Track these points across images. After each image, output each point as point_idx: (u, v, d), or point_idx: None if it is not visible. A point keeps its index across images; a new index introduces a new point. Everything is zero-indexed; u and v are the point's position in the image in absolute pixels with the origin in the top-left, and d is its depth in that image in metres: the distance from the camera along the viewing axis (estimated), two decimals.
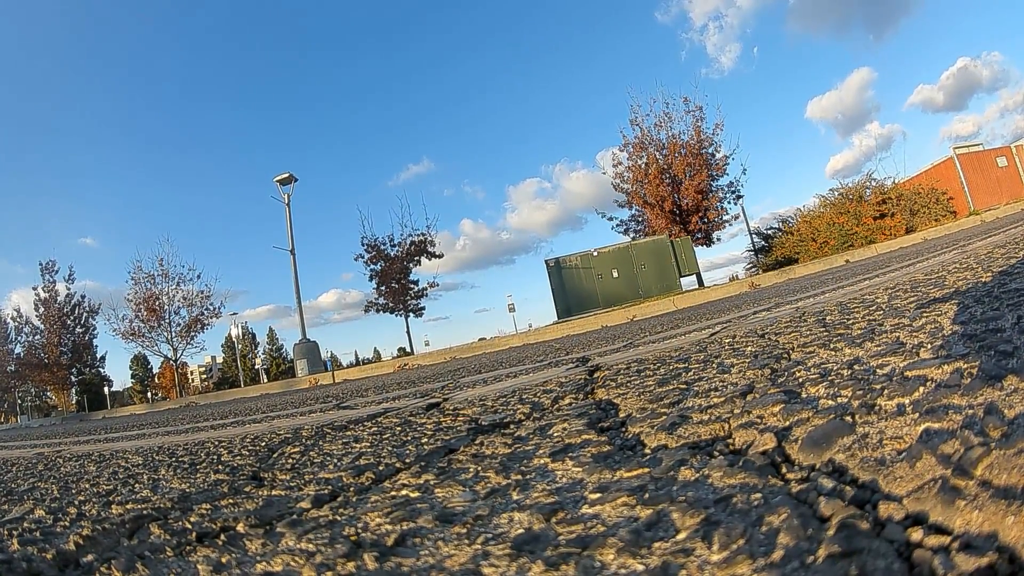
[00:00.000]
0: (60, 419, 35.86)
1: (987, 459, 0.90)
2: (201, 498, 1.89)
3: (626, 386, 2.58)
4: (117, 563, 1.31)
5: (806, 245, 32.97)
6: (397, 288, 39.89)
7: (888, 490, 0.93)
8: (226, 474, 2.33)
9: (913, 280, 4.49)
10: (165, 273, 43.73)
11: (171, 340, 43.75)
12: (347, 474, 1.87)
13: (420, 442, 2.27)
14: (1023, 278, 2.83)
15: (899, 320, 2.53)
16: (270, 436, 3.48)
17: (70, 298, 51.58)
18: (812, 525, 0.86)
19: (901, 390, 1.40)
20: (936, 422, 1.12)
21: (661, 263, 31.41)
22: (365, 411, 4.11)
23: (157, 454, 3.59)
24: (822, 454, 1.13)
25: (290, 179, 33.44)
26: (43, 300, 50.26)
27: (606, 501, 1.14)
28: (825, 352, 2.24)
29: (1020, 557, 0.69)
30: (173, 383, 52.95)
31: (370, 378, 16.59)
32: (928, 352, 1.76)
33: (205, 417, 7.80)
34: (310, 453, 2.50)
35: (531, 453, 1.69)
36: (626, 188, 39.61)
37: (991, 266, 3.90)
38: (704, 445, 1.41)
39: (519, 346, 16.82)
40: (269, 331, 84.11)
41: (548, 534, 1.04)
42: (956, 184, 34.87)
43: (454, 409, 3.12)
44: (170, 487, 2.24)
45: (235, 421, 5.86)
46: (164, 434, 5.57)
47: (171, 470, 2.71)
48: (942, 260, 6.19)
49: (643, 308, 20.53)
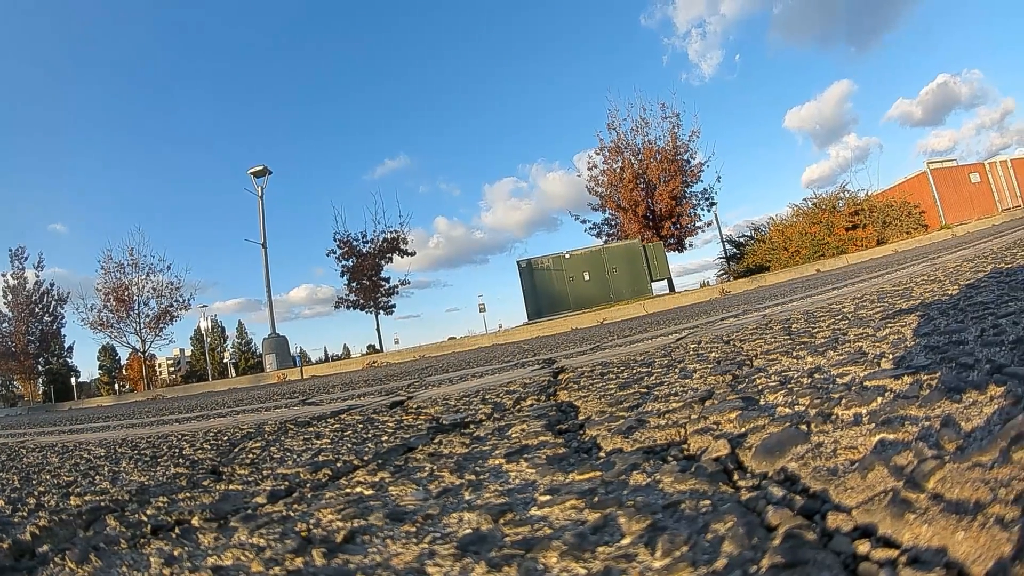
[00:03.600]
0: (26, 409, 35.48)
1: (940, 472, 0.89)
2: (159, 491, 1.89)
3: (588, 389, 2.57)
4: (71, 554, 1.32)
5: (778, 253, 33.31)
6: (368, 285, 39.70)
7: (838, 500, 0.91)
8: (186, 468, 2.32)
9: (881, 291, 4.52)
10: (135, 263, 43.26)
11: (140, 331, 43.33)
12: (305, 470, 1.86)
13: (380, 440, 2.26)
14: (989, 291, 2.84)
15: (863, 330, 2.54)
16: (233, 431, 3.47)
17: (39, 286, 50.86)
18: (758, 534, 0.84)
19: (859, 400, 1.39)
20: (892, 433, 1.11)
21: (633, 267, 31.51)
22: (329, 408, 4.09)
23: (120, 446, 3.57)
24: (775, 462, 1.12)
25: (264, 172, 33.13)
26: (11, 287, 49.56)
27: (555, 503, 1.13)
28: (787, 360, 2.23)
29: (969, 573, 0.68)
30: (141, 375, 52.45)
31: (338, 375, 16.52)
32: (889, 363, 1.76)
33: (171, 410, 7.73)
34: (271, 448, 2.49)
35: (487, 453, 1.69)
36: (600, 191, 39.75)
37: (959, 279, 3.93)
38: (659, 450, 1.40)
39: (488, 346, 16.81)
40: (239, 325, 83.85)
41: (495, 535, 1.04)
42: (929, 198, 35.34)
43: (417, 408, 3.11)
44: (130, 480, 2.25)
45: (200, 415, 5.82)
46: (129, 426, 5.55)
47: (132, 463, 2.71)
48: (911, 272, 6.25)
49: (613, 312, 20.58)
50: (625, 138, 39.24)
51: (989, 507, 0.77)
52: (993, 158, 39.34)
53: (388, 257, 40.50)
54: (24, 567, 1.31)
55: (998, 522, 0.73)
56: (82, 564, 1.25)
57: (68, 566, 1.25)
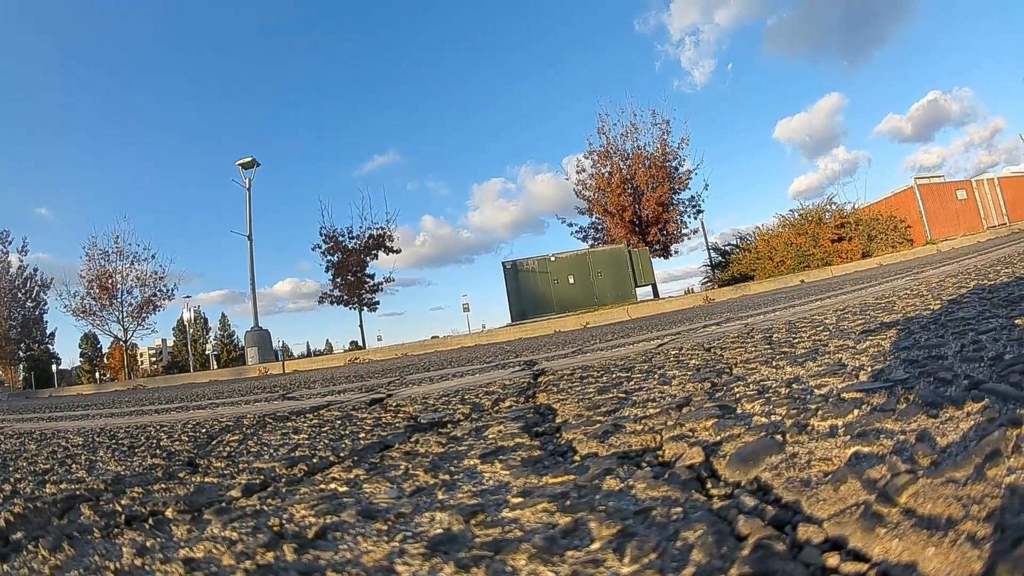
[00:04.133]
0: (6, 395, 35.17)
1: (913, 487, 0.88)
2: (135, 481, 1.89)
3: (567, 392, 2.57)
4: (45, 541, 1.32)
5: (763, 263, 33.45)
6: (353, 281, 39.63)
7: (810, 512, 0.91)
8: (163, 459, 2.33)
9: (863, 303, 4.54)
10: (120, 251, 42.95)
11: (122, 320, 43.07)
12: (280, 465, 1.86)
13: (357, 437, 2.27)
14: (971, 307, 2.86)
15: (844, 342, 2.54)
16: (212, 423, 3.47)
17: (22, 270, 50.27)
18: (728, 543, 0.83)
19: (835, 411, 1.39)
20: (866, 446, 1.11)
21: (618, 272, 31.58)
22: (309, 403, 4.09)
23: (98, 435, 3.58)
24: (748, 471, 1.11)
25: (252, 163, 33.00)
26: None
27: (527, 506, 1.13)
28: (767, 369, 2.24)
29: None
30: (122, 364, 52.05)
31: (320, 370, 16.48)
32: (867, 375, 1.76)
33: (151, 401, 7.72)
34: (248, 442, 2.49)
35: (463, 454, 1.69)
36: (588, 195, 39.87)
37: (941, 294, 3.95)
38: (634, 455, 1.40)
39: (471, 346, 16.81)
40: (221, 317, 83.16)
41: (465, 535, 1.03)
42: (915, 213, 35.59)
43: (396, 406, 3.11)
44: (106, 469, 2.25)
45: (180, 406, 5.80)
46: (108, 416, 5.56)
47: (109, 452, 2.71)
48: (894, 286, 6.28)
49: (597, 315, 20.62)
50: (615, 143, 39.42)
51: (961, 523, 0.76)
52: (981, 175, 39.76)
53: (374, 254, 40.45)
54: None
55: (969, 539, 0.73)
56: (55, 552, 1.25)
57: (41, 554, 1.25)
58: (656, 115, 38.86)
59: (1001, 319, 2.33)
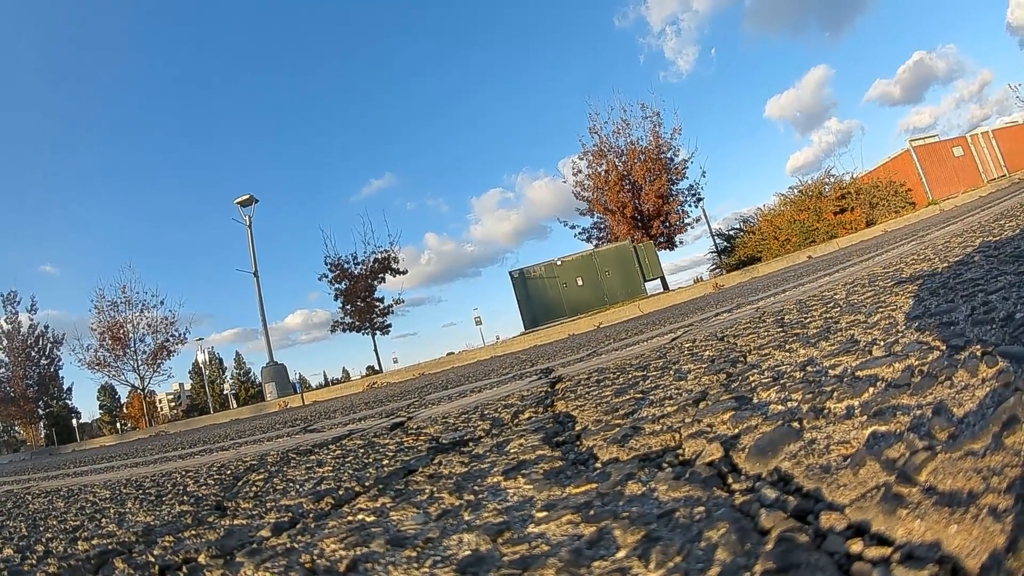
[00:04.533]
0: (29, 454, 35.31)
1: (932, 463, 0.88)
2: (165, 530, 1.90)
3: (585, 397, 2.56)
4: None
5: (768, 243, 33.36)
6: (363, 306, 39.68)
7: (831, 499, 0.91)
8: (190, 505, 2.33)
9: (872, 274, 4.52)
10: (128, 300, 43.24)
11: (137, 368, 43.26)
12: (307, 500, 1.87)
13: (381, 464, 2.27)
14: (978, 267, 2.84)
15: (855, 317, 2.53)
16: (236, 464, 3.46)
17: (33, 329, 50.48)
18: (751, 539, 0.84)
19: (851, 392, 1.39)
20: (883, 425, 1.11)
21: (625, 269, 31.53)
22: (331, 434, 4.08)
23: (124, 487, 3.57)
24: (768, 463, 1.11)
25: (251, 200, 33.15)
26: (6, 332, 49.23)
27: (552, 519, 1.13)
28: (780, 354, 2.23)
29: (963, 567, 0.67)
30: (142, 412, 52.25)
31: (339, 399, 16.52)
32: (880, 350, 1.75)
33: (174, 446, 7.72)
34: (274, 480, 2.49)
35: (486, 472, 1.68)
36: (587, 196, 39.83)
37: (948, 256, 3.93)
38: (654, 457, 1.40)
39: (487, 359, 16.81)
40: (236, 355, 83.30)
41: (493, 555, 1.04)
42: (914, 176, 35.57)
43: (417, 428, 3.11)
44: (135, 520, 2.25)
45: (203, 449, 5.81)
46: (132, 466, 5.55)
47: (137, 503, 2.71)
48: (900, 252, 6.25)
49: (609, 315, 20.59)
50: (608, 141, 39.37)
51: (982, 497, 0.76)
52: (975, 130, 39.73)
53: (380, 277, 40.51)
54: None
55: (991, 513, 0.73)
56: None
57: None
58: (646, 108, 38.85)
59: (1009, 276, 2.32)
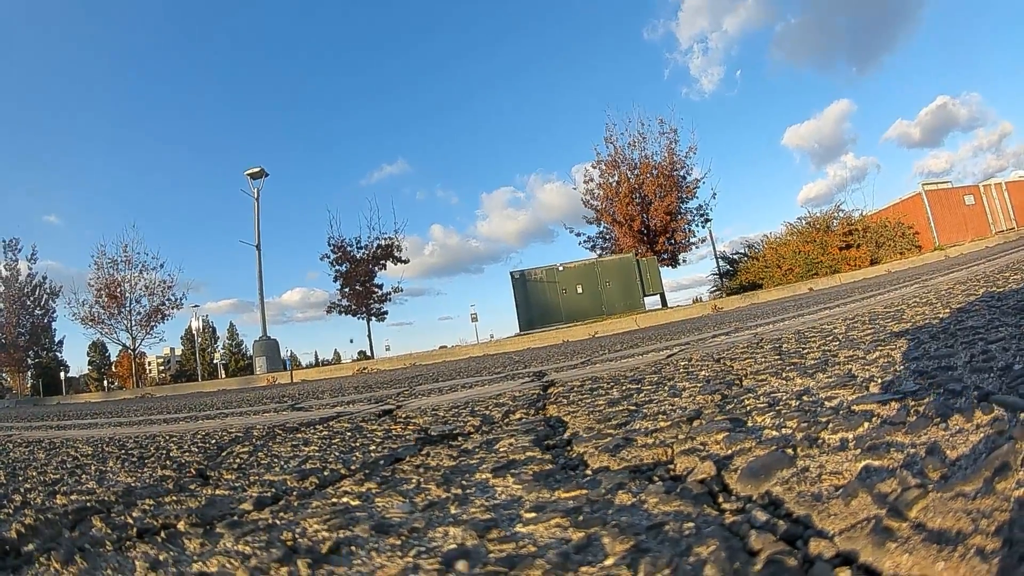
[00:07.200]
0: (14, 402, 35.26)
1: (923, 501, 0.89)
2: (146, 493, 1.89)
3: (577, 404, 2.57)
4: (57, 554, 1.32)
5: (771, 271, 33.30)
6: (361, 291, 39.48)
7: (821, 526, 0.91)
8: (173, 470, 2.32)
9: (872, 312, 4.53)
10: (128, 260, 42.87)
11: (130, 329, 42.94)
12: (292, 477, 1.86)
13: (368, 449, 2.26)
14: (980, 316, 2.85)
15: (853, 352, 2.54)
16: (221, 434, 3.46)
17: (31, 278, 50.66)
18: (740, 559, 0.84)
19: (846, 424, 1.39)
20: (877, 459, 1.12)
21: (626, 281, 31.46)
22: (318, 414, 4.08)
23: (107, 445, 3.56)
24: (760, 486, 1.12)
25: (261, 173, 33.00)
26: (3, 278, 49.29)
27: (540, 521, 1.13)
28: (776, 381, 2.24)
29: None
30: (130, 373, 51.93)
31: (328, 380, 16.45)
32: (877, 387, 1.76)
33: (159, 410, 7.72)
34: (258, 454, 2.48)
35: (475, 467, 1.68)
36: (596, 205, 39.68)
37: (950, 302, 3.94)
38: (645, 469, 1.40)
39: (479, 356, 16.75)
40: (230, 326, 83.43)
41: (479, 551, 1.03)
42: (923, 219, 35.53)
43: (406, 417, 3.10)
44: (116, 480, 2.24)
45: (188, 416, 5.81)
46: (116, 425, 5.54)
47: (119, 462, 2.71)
48: (903, 293, 6.25)
49: (606, 325, 20.54)
50: (622, 152, 39.21)
51: (970, 538, 0.77)
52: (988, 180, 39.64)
53: (382, 263, 40.31)
54: (9, 565, 1.31)
55: (979, 553, 0.73)
56: (67, 565, 1.25)
57: (53, 566, 1.25)
58: (664, 124, 38.65)
59: (1011, 328, 2.33)
